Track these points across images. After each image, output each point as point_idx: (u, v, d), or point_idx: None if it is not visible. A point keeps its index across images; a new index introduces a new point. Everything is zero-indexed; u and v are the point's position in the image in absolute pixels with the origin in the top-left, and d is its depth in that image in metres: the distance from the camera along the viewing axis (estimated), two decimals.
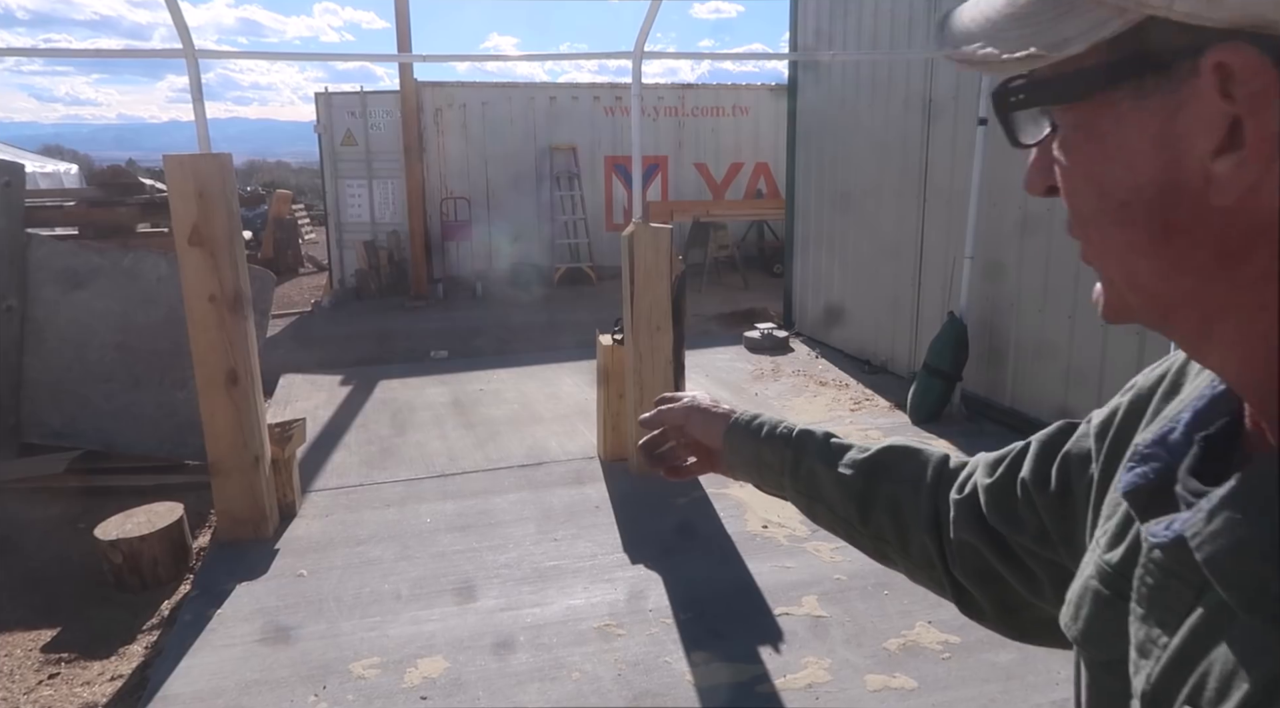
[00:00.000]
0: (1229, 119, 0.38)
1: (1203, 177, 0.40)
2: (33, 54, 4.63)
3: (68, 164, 13.55)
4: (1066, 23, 0.41)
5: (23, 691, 3.08)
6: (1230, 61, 0.37)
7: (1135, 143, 0.42)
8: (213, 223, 3.72)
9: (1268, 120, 0.37)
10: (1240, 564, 0.40)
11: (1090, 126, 0.44)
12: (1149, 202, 0.42)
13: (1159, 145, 0.41)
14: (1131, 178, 0.43)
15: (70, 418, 4.97)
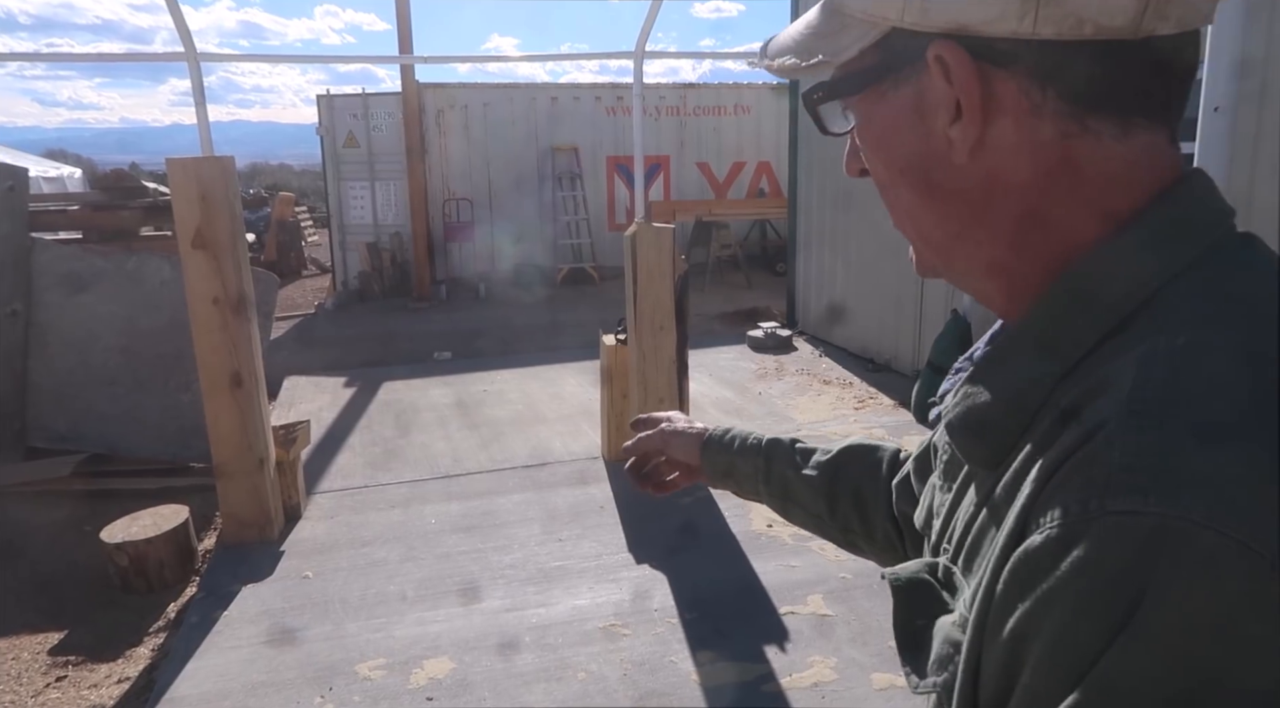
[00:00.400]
0: (954, 98, 0.51)
1: (947, 143, 0.52)
2: (35, 59, 4.65)
3: (71, 168, 13.58)
4: (842, 36, 0.55)
5: (30, 693, 3.09)
6: (944, 55, 0.50)
7: (900, 121, 0.54)
8: (216, 226, 3.72)
9: (974, 95, 0.50)
10: (965, 426, 0.53)
11: (871, 113, 0.57)
12: (916, 166, 0.55)
13: (915, 121, 0.54)
14: (902, 148, 0.55)
15: (75, 422, 4.98)
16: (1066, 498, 0.41)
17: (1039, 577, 0.41)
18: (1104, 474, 0.40)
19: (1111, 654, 0.38)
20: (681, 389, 4.70)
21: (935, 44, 0.50)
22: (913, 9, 0.50)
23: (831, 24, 0.56)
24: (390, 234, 11.62)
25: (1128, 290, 0.49)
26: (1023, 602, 0.42)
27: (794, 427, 5.54)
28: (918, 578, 0.58)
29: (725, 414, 5.81)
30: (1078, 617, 0.40)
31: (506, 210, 11.94)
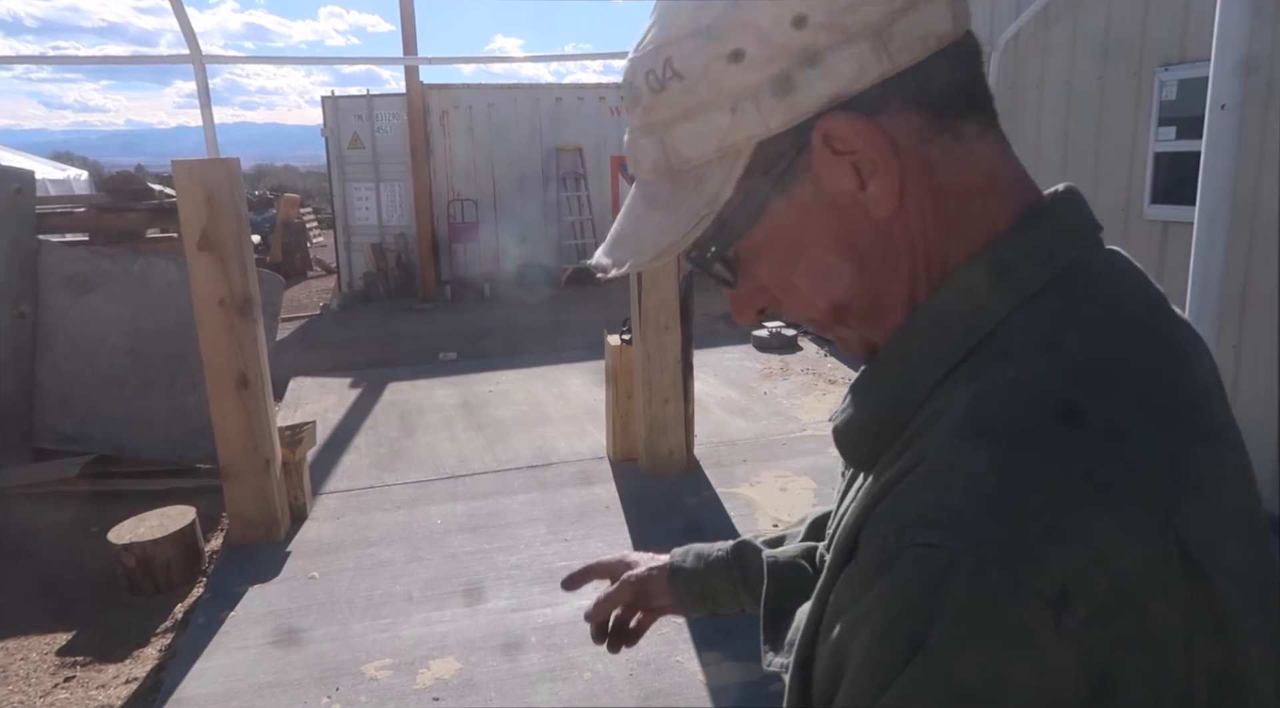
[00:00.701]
0: (850, 162, 0.50)
1: (862, 208, 0.52)
2: (41, 62, 4.67)
3: (77, 170, 13.63)
4: (706, 185, 0.53)
5: (39, 694, 3.10)
6: (832, 131, 0.49)
7: (810, 217, 0.53)
8: (221, 227, 3.73)
9: (881, 146, 0.49)
10: (845, 434, 0.56)
11: (773, 235, 0.54)
12: (844, 248, 0.53)
13: (824, 209, 0.52)
14: (823, 243, 0.53)
15: (82, 423, 5.00)
16: (885, 526, 0.45)
17: (856, 597, 0.46)
18: (915, 509, 0.44)
19: (902, 680, 0.42)
20: (686, 389, 4.70)
21: (819, 126, 0.50)
22: (777, 113, 0.50)
23: (684, 183, 0.54)
24: (395, 235, 11.64)
25: (975, 322, 0.51)
26: (843, 617, 0.46)
27: (799, 426, 5.53)
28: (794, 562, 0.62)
29: (730, 414, 5.81)
30: (879, 641, 0.43)
31: (511, 211, 11.95)
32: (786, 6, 0.48)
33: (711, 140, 0.52)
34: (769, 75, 0.49)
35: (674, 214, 0.54)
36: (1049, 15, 5.00)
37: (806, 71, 0.49)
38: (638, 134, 0.55)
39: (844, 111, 0.49)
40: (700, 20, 0.50)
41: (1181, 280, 2.13)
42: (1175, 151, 4.26)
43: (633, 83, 0.54)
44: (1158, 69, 4.30)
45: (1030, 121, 5.22)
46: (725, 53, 0.49)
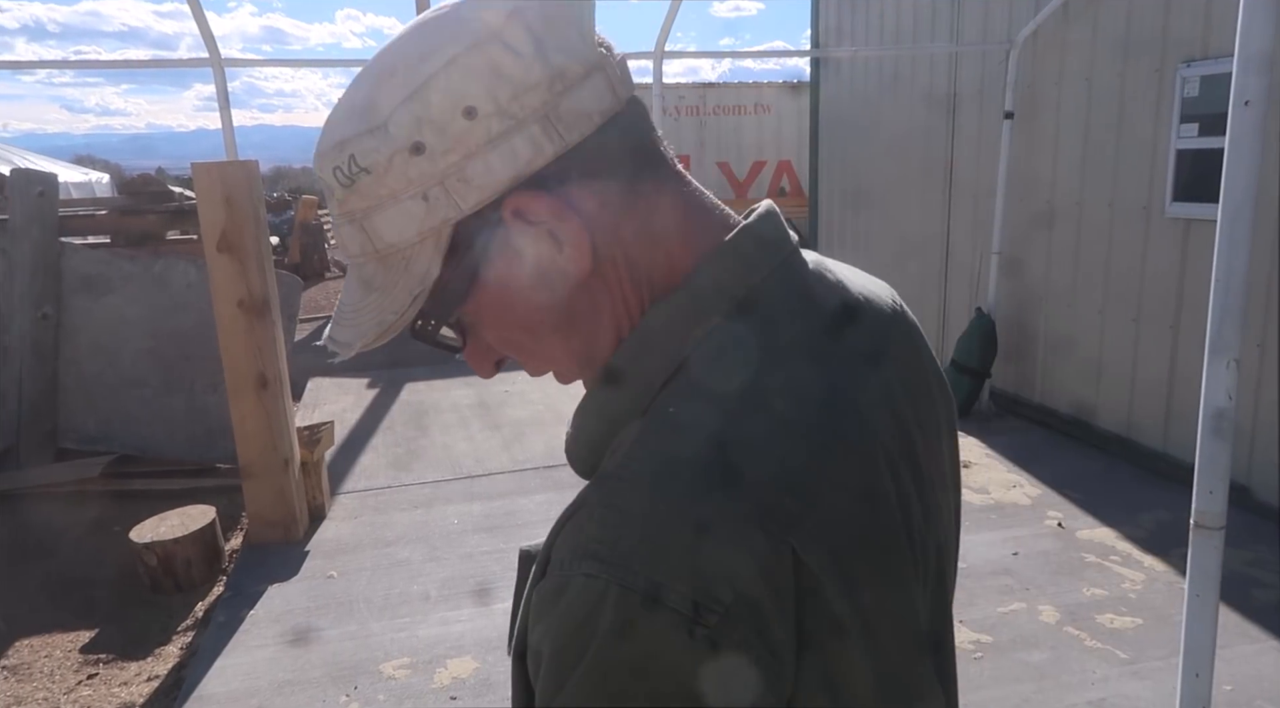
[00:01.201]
0: (545, 229, 0.54)
1: (562, 270, 0.56)
2: (64, 66, 4.73)
3: (99, 173, 13.79)
4: (415, 264, 0.55)
5: (63, 691, 3.14)
6: (521, 208, 0.54)
7: (517, 285, 0.57)
8: (240, 229, 3.76)
9: (566, 216, 0.54)
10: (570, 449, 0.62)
11: (487, 301, 0.58)
12: (555, 309, 0.58)
13: (529, 275, 0.56)
14: (534, 306, 0.58)
15: (104, 423, 5.06)
16: (562, 553, 0.51)
17: (542, 615, 0.51)
18: (583, 540, 0.49)
19: (567, 689, 0.48)
20: None
21: (506, 204, 0.54)
22: (468, 196, 0.53)
23: (394, 265, 0.56)
24: None
25: (669, 349, 0.56)
26: (534, 630, 0.51)
27: None
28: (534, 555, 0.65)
29: None
30: (554, 657, 0.49)
31: None
32: (455, 100, 0.52)
33: (411, 226, 0.55)
34: (452, 163, 0.53)
35: (388, 295, 0.57)
36: (1068, 12, 4.95)
37: (487, 156, 0.53)
38: (340, 222, 0.58)
39: (527, 189, 0.54)
40: (376, 118, 0.53)
41: (1204, 279, 2.10)
42: (1197, 149, 4.20)
43: (323, 177, 0.57)
44: (1180, 65, 4.25)
45: (1049, 120, 5.17)
46: (406, 147, 0.53)
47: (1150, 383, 4.60)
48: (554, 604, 0.49)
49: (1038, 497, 4.29)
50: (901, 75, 6.64)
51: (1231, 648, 2.89)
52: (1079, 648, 2.98)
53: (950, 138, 6.09)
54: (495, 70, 0.52)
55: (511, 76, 0.52)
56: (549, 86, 0.53)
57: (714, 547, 0.47)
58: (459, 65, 0.52)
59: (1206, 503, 1.89)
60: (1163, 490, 4.26)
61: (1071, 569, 3.54)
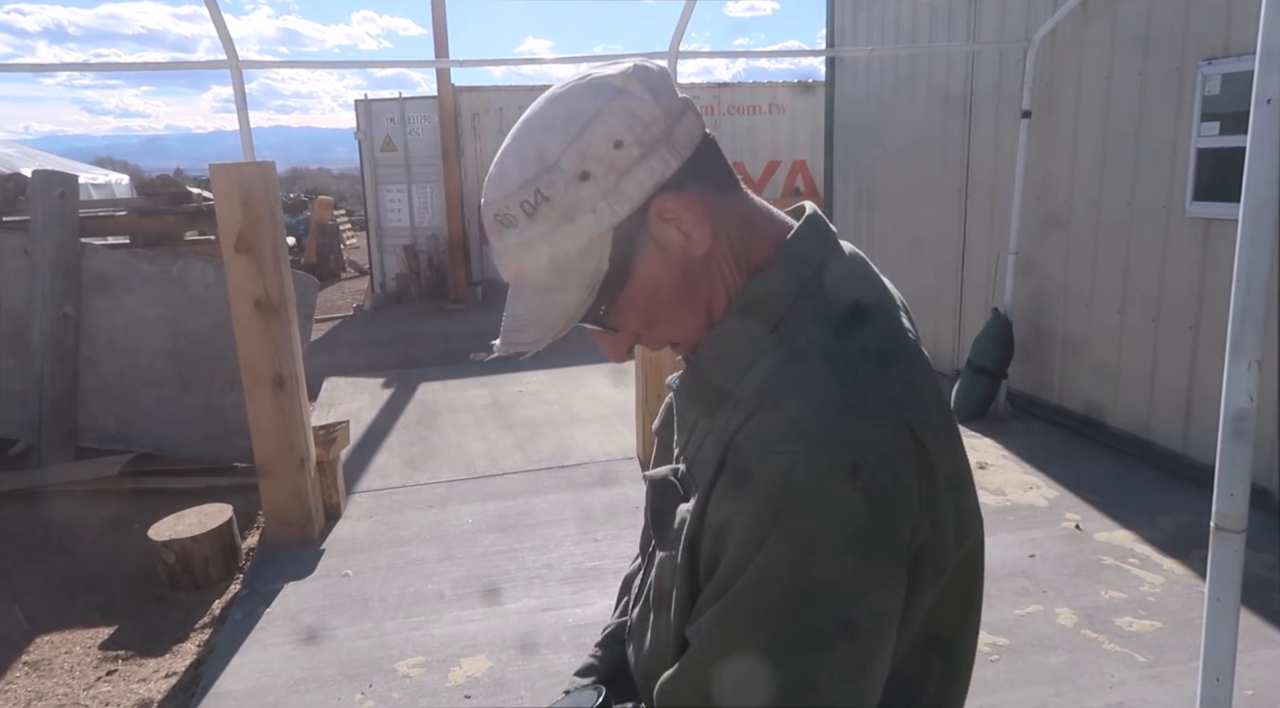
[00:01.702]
0: (675, 222, 0.74)
1: (689, 251, 0.76)
2: (84, 68, 4.77)
3: (119, 175, 13.92)
4: (588, 263, 0.75)
5: (83, 687, 3.18)
6: (664, 208, 0.74)
7: (661, 269, 0.76)
8: (257, 230, 3.79)
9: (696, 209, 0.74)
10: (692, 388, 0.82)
11: (635, 288, 0.77)
12: (685, 284, 0.78)
13: (667, 259, 0.76)
14: (671, 283, 0.77)
15: (123, 422, 5.11)
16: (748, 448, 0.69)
17: (734, 496, 0.69)
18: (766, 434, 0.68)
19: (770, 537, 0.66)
20: None
21: (651, 206, 0.73)
22: (623, 205, 0.73)
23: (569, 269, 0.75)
24: (427, 236, 11.75)
25: (780, 301, 0.77)
26: (723, 505, 0.70)
27: None
28: (665, 478, 0.83)
29: None
30: (755, 517, 0.67)
31: None
32: (606, 137, 0.71)
33: (584, 235, 0.73)
34: (610, 183, 0.72)
35: (567, 293, 0.76)
36: (1087, 10, 4.91)
37: (635, 173, 0.72)
38: (517, 248, 0.76)
39: (664, 192, 0.73)
40: (548, 160, 0.72)
41: (1225, 280, 2.08)
42: (1219, 147, 4.16)
43: (507, 212, 0.74)
44: (1201, 63, 4.20)
45: (1067, 118, 5.13)
46: (576, 176, 0.72)
47: (1169, 384, 4.55)
48: (748, 485, 0.67)
49: (1055, 498, 4.26)
50: (917, 74, 6.61)
51: (1253, 652, 2.85)
52: (1097, 651, 2.96)
53: (966, 137, 6.05)
54: (630, 113, 0.72)
55: (641, 116, 0.72)
56: (665, 120, 0.73)
57: (860, 426, 0.67)
58: (606, 112, 0.72)
59: (1227, 505, 1.87)
60: (1182, 492, 4.22)
61: (1089, 572, 3.51)
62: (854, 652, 0.66)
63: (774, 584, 0.66)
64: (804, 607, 0.65)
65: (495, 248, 0.78)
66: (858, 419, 0.67)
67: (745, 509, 0.67)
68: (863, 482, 0.65)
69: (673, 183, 0.73)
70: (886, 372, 0.72)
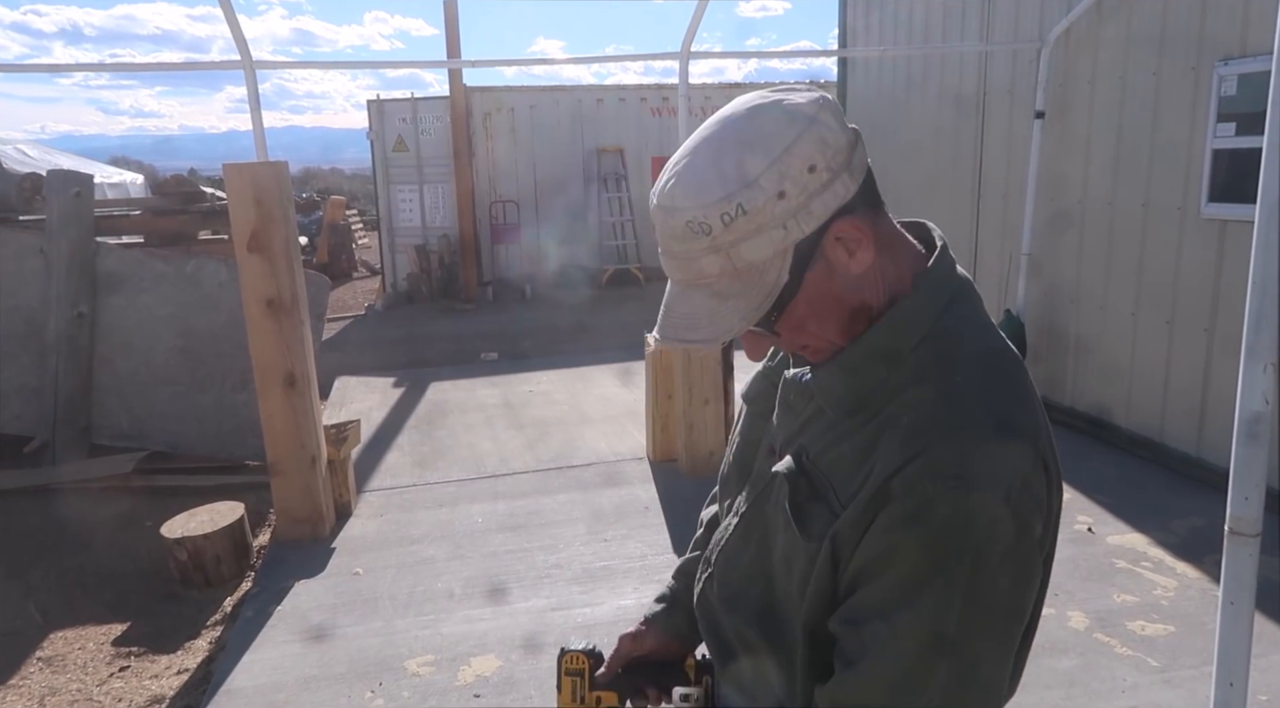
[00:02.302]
0: (845, 241, 0.82)
1: (849, 270, 0.83)
2: (100, 69, 4.81)
3: (134, 174, 14.02)
4: (768, 275, 0.81)
5: (96, 682, 3.20)
6: (842, 231, 0.82)
7: (825, 286, 0.84)
8: (270, 229, 3.81)
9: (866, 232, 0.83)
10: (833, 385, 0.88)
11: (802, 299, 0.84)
12: (842, 299, 0.85)
13: (832, 278, 0.83)
14: (832, 298, 0.85)
15: (137, 420, 5.14)
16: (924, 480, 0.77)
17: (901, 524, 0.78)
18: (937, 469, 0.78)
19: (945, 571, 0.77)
20: (727, 390, 4.68)
21: (833, 227, 0.81)
22: (809, 223, 0.79)
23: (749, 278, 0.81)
24: (438, 236, 11.78)
25: (922, 324, 0.85)
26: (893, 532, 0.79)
27: None
28: (796, 472, 0.89)
29: None
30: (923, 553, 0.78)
31: (552, 212, 12.02)
32: (803, 162, 0.78)
33: (770, 247, 0.80)
34: (801, 203, 0.79)
35: (746, 299, 0.82)
36: (1102, 10, 4.88)
37: (822, 196, 0.79)
38: (703, 254, 0.81)
39: (842, 215, 0.81)
40: (748, 177, 0.78)
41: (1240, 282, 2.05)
42: (1235, 148, 4.12)
43: (703, 221, 0.79)
44: (1217, 63, 4.17)
45: (1081, 119, 5.10)
46: (774, 194, 0.78)
47: (1183, 386, 4.51)
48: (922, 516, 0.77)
49: (1067, 501, 4.21)
50: (930, 75, 6.58)
51: (1266, 657, 2.83)
52: (1109, 655, 2.94)
53: (979, 137, 6.02)
54: (823, 141, 0.79)
55: (831, 143, 0.79)
56: (849, 147, 0.81)
57: (1009, 459, 0.79)
58: (803, 138, 0.78)
59: (1242, 509, 1.85)
60: (1195, 496, 4.18)
61: (1102, 575, 3.49)
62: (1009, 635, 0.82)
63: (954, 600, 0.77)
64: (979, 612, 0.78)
65: (673, 250, 0.83)
66: (1007, 454, 0.79)
67: (917, 540, 0.77)
68: (1012, 504, 0.77)
69: (848, 206, 0.81)
70: (1022, 406, 0.83)
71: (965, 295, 0.89)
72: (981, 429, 0.79)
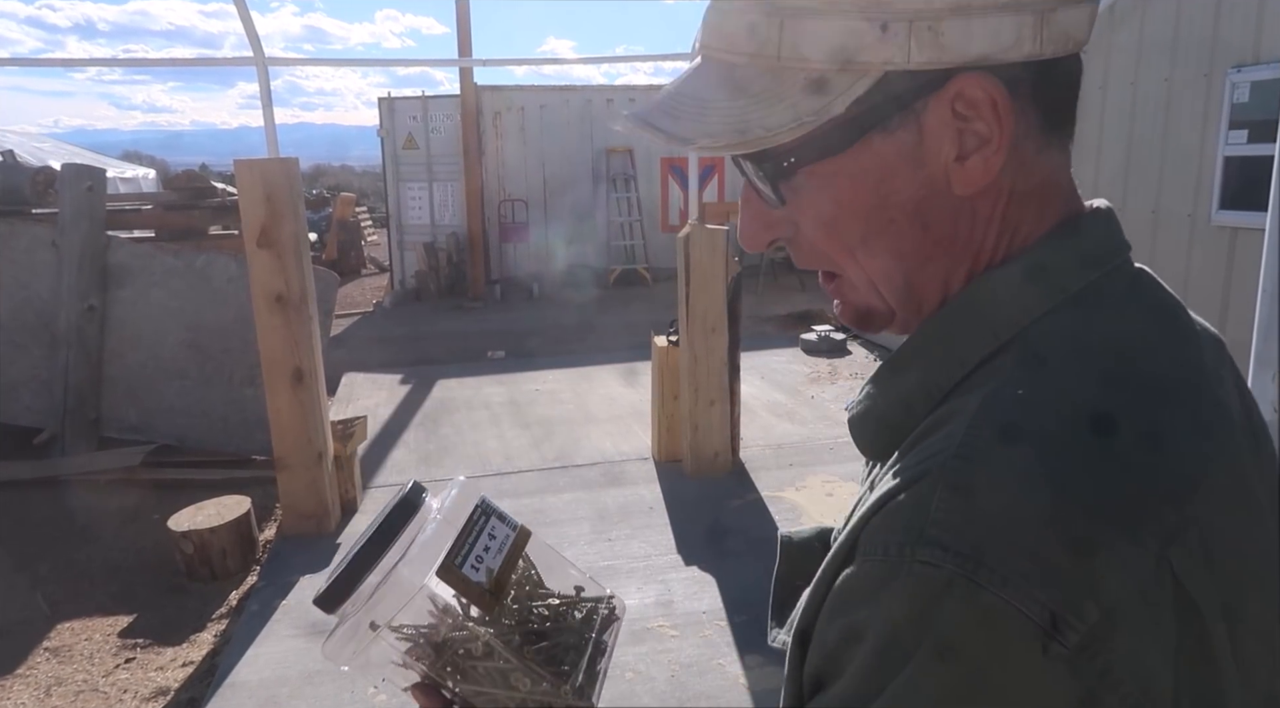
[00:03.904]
0: (965, 126, 0.49)
1: (946, 178, 0.50)
2: (113, 64, 4.84)
3: (145, 169, 14.10)
4: (820, 93, 0.49)
5: (102, 673, 3.22)
6: (969, 90, 0.48)
7: (893, 168, 0.50)
8: (280, 225, 3.82)
9: (1007, 124, 0.49)
10: (861, 425, 0.57)
11: (850, 168, 0.51)
12: (913, 215, 0.52)
13: (913, 164, 0.50)
14: (896, 196, 0.51)
15: (146, 413, 5.17)
16: (888, 536, 0.45)
17: (855, 602, 0.46)
18: (920, 523, 0.43)
19: (889, 690, 0.42)
20: (733, 391, 4.68)
21: (957, 80, 0.48)
22: (926, 50, 0.47)
23: (789, 80, 0.49)
24: (447, 234, 11.81)
25: (1010, 316, 0.51)
26: (842, 618, 0.46)
27: (846, 431, 5.46)
28: (807, 543, 0.65)
29: (777, 417, 5.77)
30: (876, 652, 0.44)
31: (560, 211, 12.04)
32: None
33: (842, 49, 0.48)
34: (935, 8, 0.46)
35: (765, 108, 0.49)
36: (1114, 15, 4.87)
37: (970, 20, 0.46)
38: (749, 9, 0.50)
39: (987, 76, 0.48)
40: None
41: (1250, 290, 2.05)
42: (1246, 156, 4.11)
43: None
44: (1229, 70, 4.15)
45: (1092, 125, 5.08)
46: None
47: None
48: (881, 590, 0.44)
49: None
50: None
51: None
52: None
53: None
54: None
55: None
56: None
57: (1082, 555, 0.41)
58: None
59: None
60: None
61: None
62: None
63: None
64: None
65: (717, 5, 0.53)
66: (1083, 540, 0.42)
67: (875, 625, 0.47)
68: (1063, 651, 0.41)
69: (1004, 73, 0.48)
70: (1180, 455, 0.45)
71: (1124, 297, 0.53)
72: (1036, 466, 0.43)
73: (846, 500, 4.35)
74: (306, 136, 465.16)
